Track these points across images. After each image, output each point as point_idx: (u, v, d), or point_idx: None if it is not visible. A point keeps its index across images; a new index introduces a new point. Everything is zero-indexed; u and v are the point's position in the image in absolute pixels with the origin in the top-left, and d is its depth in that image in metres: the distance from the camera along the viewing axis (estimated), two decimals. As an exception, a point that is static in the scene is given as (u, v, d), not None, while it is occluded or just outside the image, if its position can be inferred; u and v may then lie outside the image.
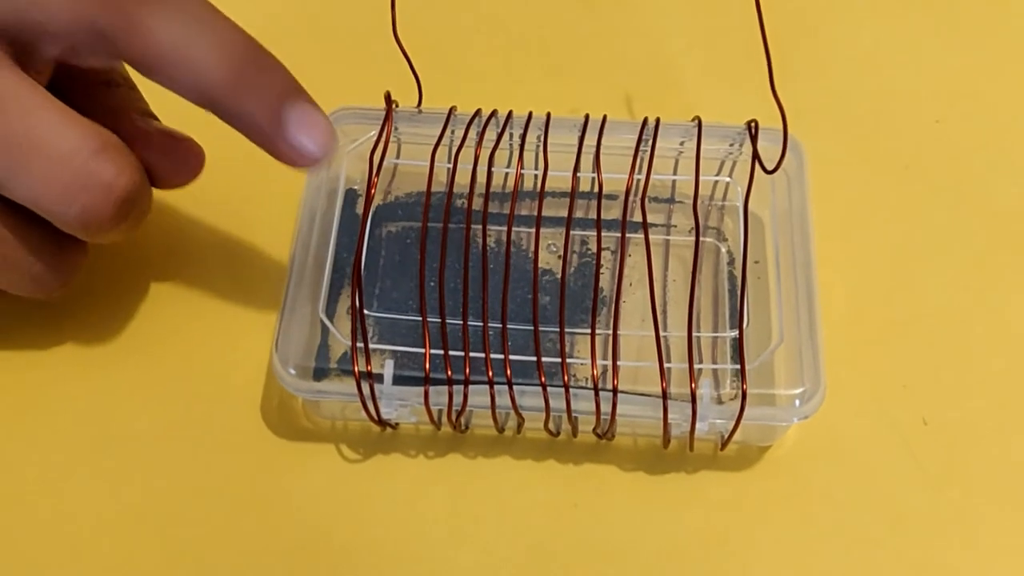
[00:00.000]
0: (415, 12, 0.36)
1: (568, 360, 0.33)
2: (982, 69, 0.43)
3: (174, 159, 0.32)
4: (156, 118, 0.34)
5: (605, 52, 0.43)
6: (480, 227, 0.34)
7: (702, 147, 0.35)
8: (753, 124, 0.35)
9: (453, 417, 0.32)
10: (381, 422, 0.33)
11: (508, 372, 0.31)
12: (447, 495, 0.34)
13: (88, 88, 0.32)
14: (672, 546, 0.33)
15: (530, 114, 0.35)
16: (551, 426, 0.33)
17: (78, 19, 0.28)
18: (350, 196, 0.37)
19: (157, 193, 0.32)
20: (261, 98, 0.29)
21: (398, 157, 0.37)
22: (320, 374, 0.35)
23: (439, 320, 0.32)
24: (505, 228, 0.34)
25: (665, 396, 0.31)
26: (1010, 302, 0.37)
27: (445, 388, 0.31)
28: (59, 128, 0.28)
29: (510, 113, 0.35)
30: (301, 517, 0.33)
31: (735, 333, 0.35)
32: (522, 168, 0.35)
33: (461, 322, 0.32)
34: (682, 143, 0.36)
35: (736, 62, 0.42)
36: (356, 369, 0.31)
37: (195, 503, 0.33)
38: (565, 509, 0.33)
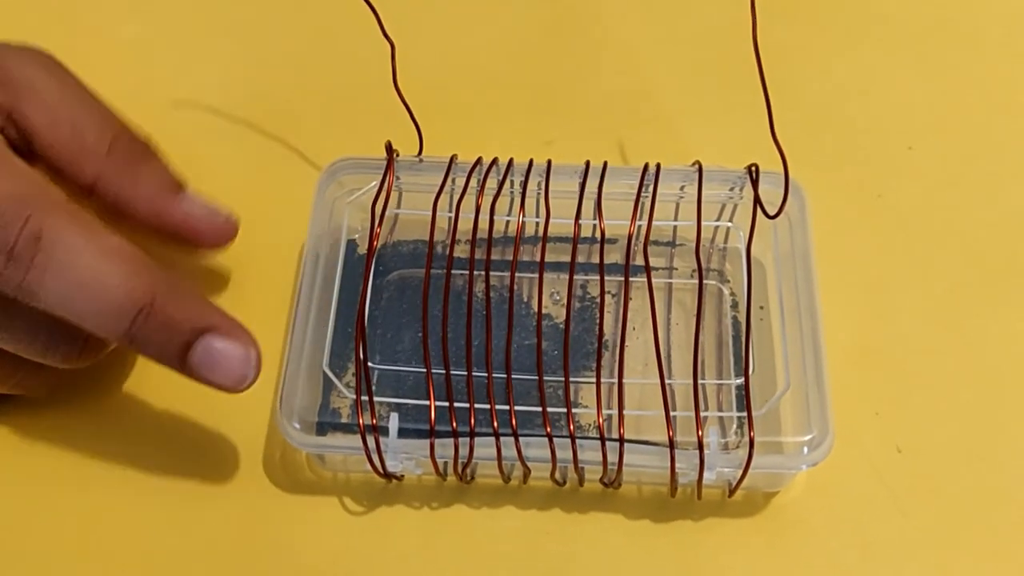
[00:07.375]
0: (415, 63, 0.36)
1: (573, 410, 0.32)
2: (953, 97, 0.43)
3: (206, 234, 0.34)
4: (184, 188, 0.34)
5: (599, 98, 0.43)
6: (482, 275, 0.33)
7: (703, 191, 0.35)
8: (754, 168, 0.35)
9: (459, 468, 0.32)
10: (387, 475, 0.33)
11: (514, 423, 0.31)
12: (452, 546, 0.33)
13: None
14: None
15: (531, 161, 0.35)
16: (557, 475, 0.33)
17: None
18: (351, 246, 0.37)
19: (155, 246, 0.32)
20: (161, 346, 0.29)
21: (399, 206, 0.37)
22: (323, 427, 0.34)
23: (443, 371, 0.32)
24: (507, 275, 0.34)
25: (672, 445, 0.31)
26: (984, 328, 0.37)
27: (451, 440, 0.31)
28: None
29: (511, 161, 0.35)
30: (305, 570, 0.33)
31: (740, 380, 0.34)
32: (524, 216, 0.35)
33: (465, 373, 0.32)
34: (683, 187, 0.36)
35: (723, 102, 0.42)
36: (361, 423, 0.31)
37: (196, 555, 0.33)
38: (571, 559, 0.33)
